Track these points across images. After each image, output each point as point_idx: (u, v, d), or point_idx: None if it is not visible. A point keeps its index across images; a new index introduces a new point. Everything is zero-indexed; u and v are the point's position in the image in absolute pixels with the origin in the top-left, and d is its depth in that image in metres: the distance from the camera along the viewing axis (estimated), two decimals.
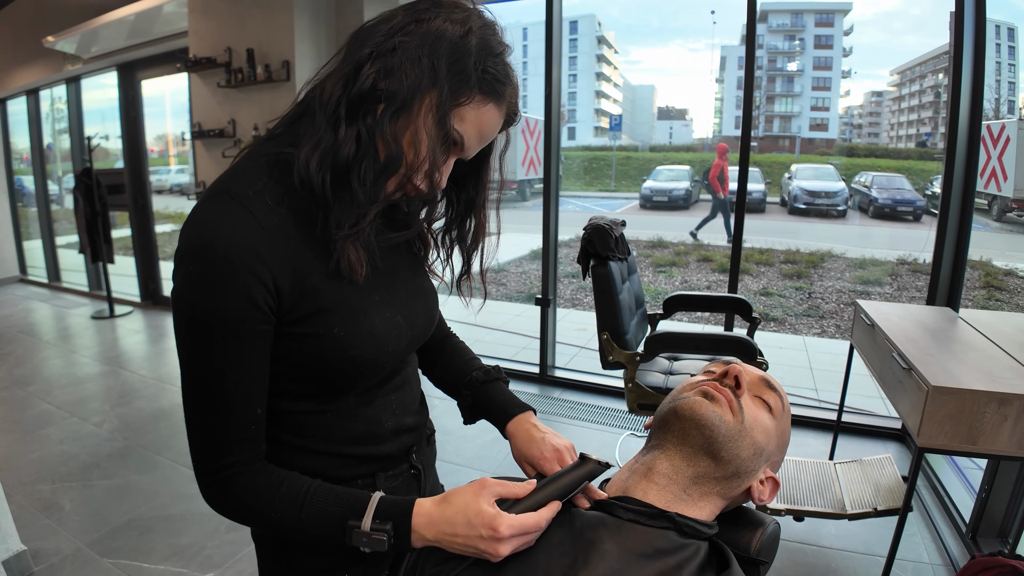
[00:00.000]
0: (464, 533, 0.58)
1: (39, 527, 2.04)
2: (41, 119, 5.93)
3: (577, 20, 21.90)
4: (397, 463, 0.77)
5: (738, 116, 3.07)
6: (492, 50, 0.61)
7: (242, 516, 0.63)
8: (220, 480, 0.61)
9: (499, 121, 0.64)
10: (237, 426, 0.61)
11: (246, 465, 0.62)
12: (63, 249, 6.12)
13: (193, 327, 0.59)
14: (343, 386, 0.68)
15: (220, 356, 0.59)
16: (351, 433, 0.71)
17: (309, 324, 0.62)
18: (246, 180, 0.60)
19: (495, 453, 2.53)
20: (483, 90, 0.60)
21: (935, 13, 20.48)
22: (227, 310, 0.57)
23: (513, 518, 0.58)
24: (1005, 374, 1.41)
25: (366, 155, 0.59)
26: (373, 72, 0.57)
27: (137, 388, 3.34)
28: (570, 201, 12.76)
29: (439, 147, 0.60)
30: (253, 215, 0.58)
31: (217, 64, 3.20)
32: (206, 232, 0.57)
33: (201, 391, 0.60)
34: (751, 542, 0.66)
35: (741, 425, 0.67)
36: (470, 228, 0.74)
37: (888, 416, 2.83)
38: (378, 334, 0.67)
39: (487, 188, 0.74)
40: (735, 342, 1.98)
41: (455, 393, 0.86)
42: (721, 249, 8.06)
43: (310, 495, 0.62)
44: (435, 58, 0.57)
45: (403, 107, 0.58)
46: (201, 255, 0.56)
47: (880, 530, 1.97)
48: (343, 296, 0.64)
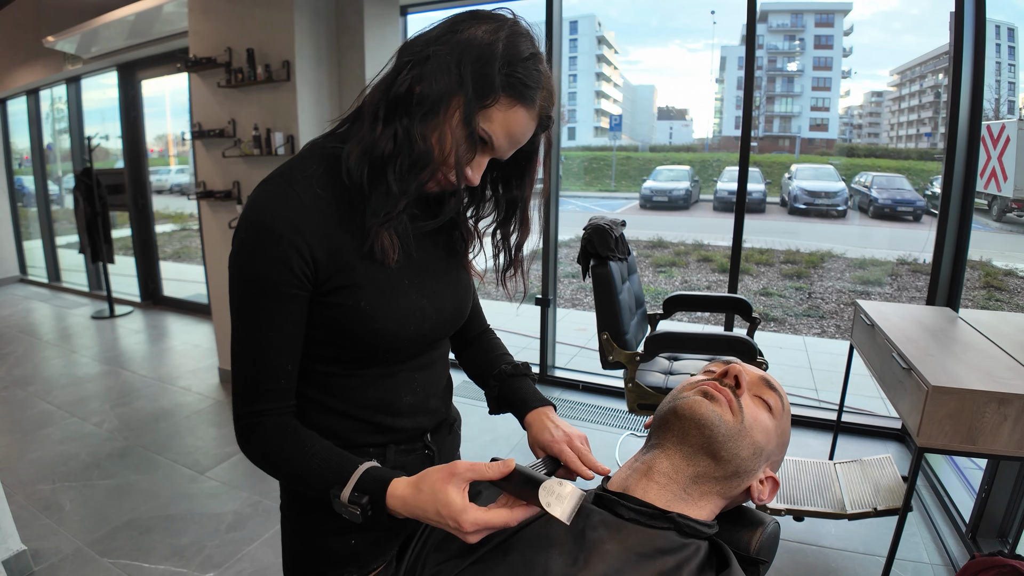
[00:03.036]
0: (435, 520, 0.61)
1: (39, 527, 2.04)
2: (41, 119, 5.93)
3: (577, 20, 21.87)
4: (411, 440, 0.82)
5: (738, 116, 3.07)
6: (519, 55, 0.64)
7: (259, 460, 0.71)
8: (248, 425, 0.70)
9: (530, 124, 0.68)
10: (268, 376, 0.69)
11: (273, 415, 0.70)
12: (63, 249, 6.12)
13: (241, 285, 0.67)
14: (368, 356, 0.74)
15: (259, 312, 0.67)
16: (370, 399, 0.77)
17: (340, 295, 0.69)
18: (300, 167, 0.69)
19: (495, 453, 2.53)
20: (508, 93, 0.64)
21: (934, 13, 20.45)
22: (268, 274, 0.65)
23: (479, 514, 0.58)
24: (1005, 374, 1.41)
25: (401, 152, 0.65)
26: (409, 78, 0.64)
27: (137, 388, 3.34)
28: (570, 201, 12.75)
29: (465, 146, 0.65)
30: (299, 195, 0.66)
31: (217, 64, 3.20)
32: (257, 207, 0.66)
33: (242, 342, 0.69)
34: (751, 542, 0.66)
35: (741, 425, 0.67)
36: (515, 227, 0.79)
37: (888, 416, 2.83)
38: (401, 312, 0.73)
39: (531, 188, 0.78)
40: (735, 342, 1.98)
41: (483, 383, 0.91)
42: (721, 249, 8.06)
43: (311, 454, 0.68)
44: (462, 64, 0.63)
45: (432, 109, 0.64)
46: (251, 226, 0.66)
47: (880, 530, 1.97)
48: (373, 275, 0.71)
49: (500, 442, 2.66)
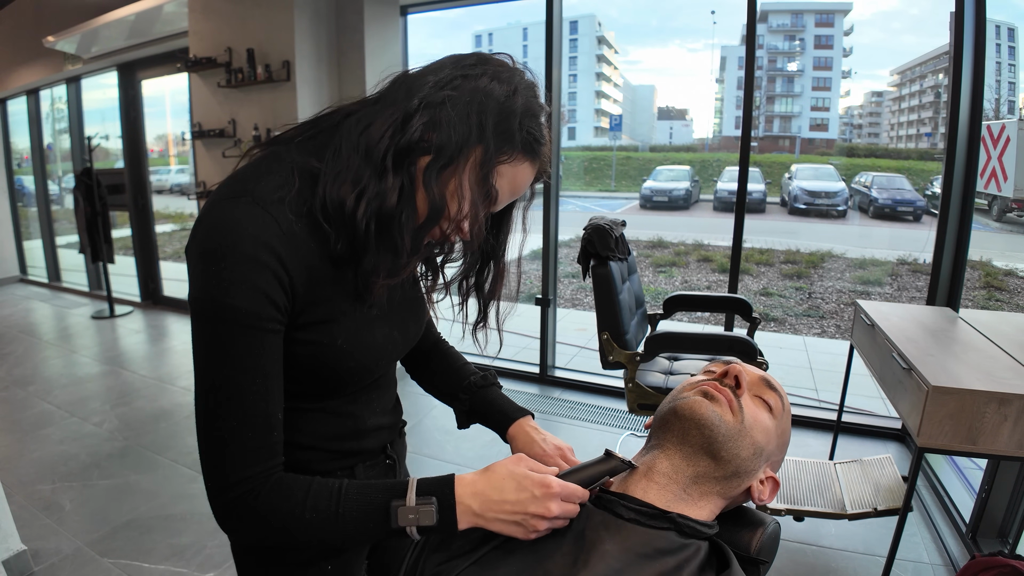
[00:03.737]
0: (514, 497, 0.59)
1: (39, 527, 2.04)
2: (41, 119, 5.93)
3: (577, 20, 21.87)
4: (375, 456, 0.80)
5: (738, 116, 3.07)
6: (534, 112, 0.63)
7: (270, 523, 0.60)
8: (238, 497, 0.59)
9: (531, 178, 0.66)
10: (259, 430, 0.59)
11: (271, 473, 0.60)
12: (63, 249, 6.12)
13: (213, 323, 0.57)
14: (335, 389, 0.70)
15: (239, 354, 0.58)
16: (335, 430, 0.73)
17: (315, 331, 0.63)
18: (270, 186, 0.59)
19: (495, 453, 2.53)
20: (523, 149, 0.62)
21: (934, 13, 20.48)
22: (248, 308, 0.57)
23: (561, 480, 0.61)
24: (1005, 374, 1.41)
25: (406, 205, 0.60)
26: (421, 124, 0.58)
27: (137, 388, 3.34)
28: (570, 201, 12.76)
29: (481, 201, 0.61)
30: (276, 220, 0.58)
31: (217, 64, 3.20)
32: (225, 230, 0.56)
33: (220, 392, 0.58)
34: (751, 542, 0.66)
35: (741, 425, 0.67)
36: (488, 276, 0.74)
37: (888, 416, 2.83)
38: (377, 347, 0.70)
39: (509, 236, 0.74)
40: (735, 342, 1.98)
41: (450, 398, 0.88)
42: (721, 249, 8.06)
43: (344, 488, 0.61)
44: (483, 115, 0.59)
45: (450, 161, 0.59)
46: (224, 253, 0.56)
47: (880, 530, 1.97)
48: (348, 309, 0.66)
49: (500, 442, 2.66)
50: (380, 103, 0.62)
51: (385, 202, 0.59)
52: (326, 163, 0.61)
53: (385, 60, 3.24)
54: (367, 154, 0.59)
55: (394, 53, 3.35)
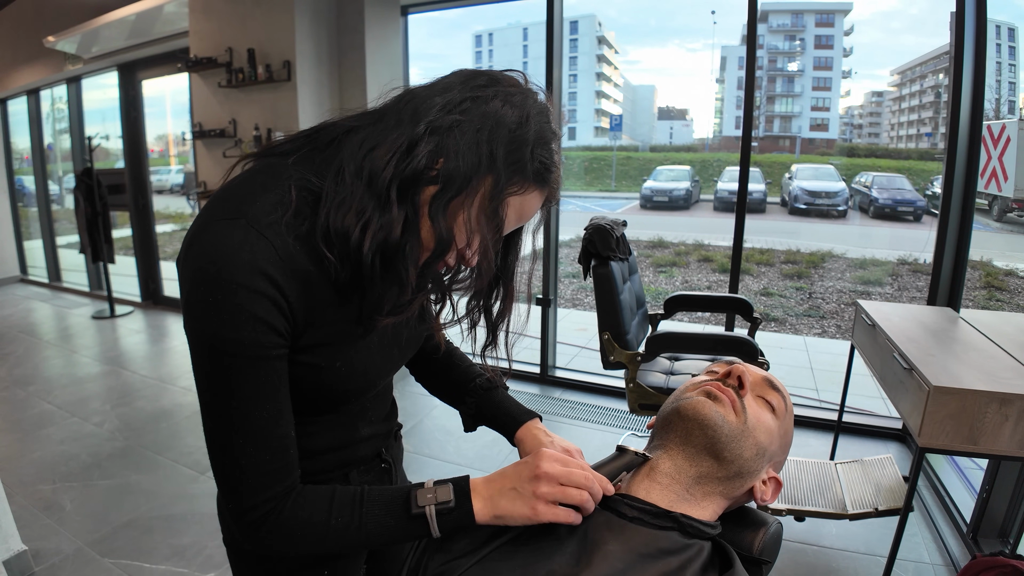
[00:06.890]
0: (512, 473, 0.62)
1: (40, 527, 2.04)
2: (42, 119, 5.93)
3: (577, 20, 21.88)
4: (369, 461, 0.80)
5: (738, 116, 3.07)
6: (546, 139, 0.60)
7: (295, 536, 0.60)
8: (268, 512, 0.59)
9: (539, 205, 0.64)
10: (276, 452, 0.59)
11: (290, 490, 0.60)
12: (63, 249, 6.12)
13: (219, 359, 0.55)
14: (331, 407, 0.70)
15: (248, 387, 0.56)
16: (329, 441, 0.73)
17: (314, 354, 0.62)
18: (266, 206, 0.56)
19: (495, 453, 2.53)
20: (534, 179, 0.60)
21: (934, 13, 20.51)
22: (253, 339, 0.55)
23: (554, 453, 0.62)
24: (1006, 374, 1.41)
25: (411, 237, 0.57)
26: (427, 151, 0.55)
27: (138, 388, 3.34)
28: (571, 201, 12.76)
29: (489, 232, 0.58)
30: (272, 244, 0.55)
31: (218, 64, 3.20)
32: (223, 258, 0.53)
33: (232, 427, 0.57)
34: (754, 542, 0.66)
35: (744, 425, 0.67)
36: (497, 298, 0.71)
37: (889, 416, 2.83)
38: (377, 367, 0.70)
39: (518, 257, 0.71)
40: (736, 342, 1.98)
41: (457, 401, 0.87)
42: (722, 249, 8.06)
43: (366, 491, 0.62)
44: (493, 144, 0.56)
45: (457, 192, 0.56)
46: (220, 283, 0.53)
47: (881, 530, 1.97)
48: (348, 331, 0.64)
49: (500, 442, 2.66)
50: (384, 121, 0.59)
51: (391, 235, 0.56)
52: (328, 185, 0.58)
53: (385, 60, 3.24)
54: (370, 182, 0.56)
55: (394, 53, 3.35)
